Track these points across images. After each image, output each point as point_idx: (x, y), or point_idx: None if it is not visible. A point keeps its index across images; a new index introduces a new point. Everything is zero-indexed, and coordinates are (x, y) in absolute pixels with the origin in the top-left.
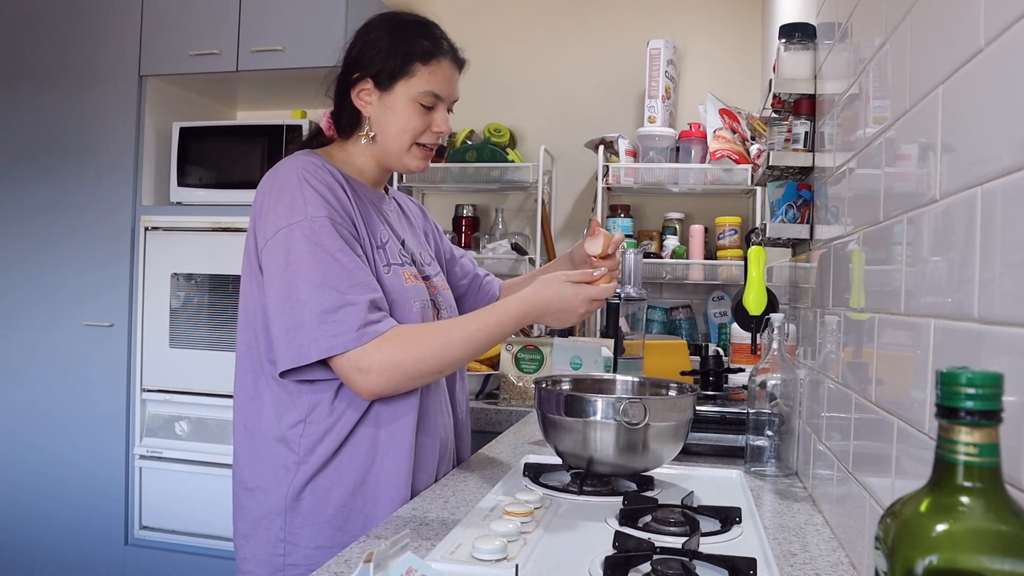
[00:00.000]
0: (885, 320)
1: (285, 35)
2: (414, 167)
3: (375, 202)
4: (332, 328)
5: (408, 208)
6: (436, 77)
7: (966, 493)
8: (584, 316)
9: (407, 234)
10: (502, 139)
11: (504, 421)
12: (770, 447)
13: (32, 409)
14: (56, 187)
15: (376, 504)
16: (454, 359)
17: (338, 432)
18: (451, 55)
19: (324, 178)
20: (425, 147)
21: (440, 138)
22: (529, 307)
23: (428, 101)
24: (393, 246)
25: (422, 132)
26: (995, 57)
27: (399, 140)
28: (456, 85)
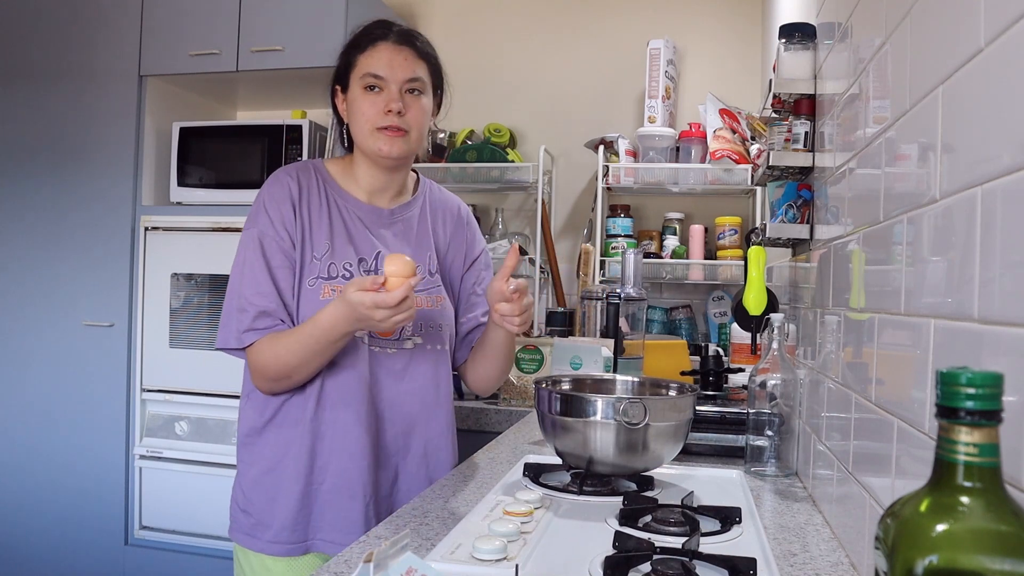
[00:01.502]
0: (885, 320)
1: (285, 35)
2: (385, 150)
3: (357, 214)
4: (228, 326)
5: (432, 221)
6: (373, 60)
7: (966, 493)
8: (385, 322)
9: (396, 248)
10: (502, 139)
11: (504, 421)
12: (770, 447)
13: (32, 409)
14: (56, 187)
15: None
16: (302, 359)
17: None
18: (392, 38)
19: (279, 193)
20: (387, 128)
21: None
22: (344, 309)
23: (370, 82)
24: (339, 259)
25: (377, 115)
26: (995, 57)
27: (361, 128)
28: (403, 64)
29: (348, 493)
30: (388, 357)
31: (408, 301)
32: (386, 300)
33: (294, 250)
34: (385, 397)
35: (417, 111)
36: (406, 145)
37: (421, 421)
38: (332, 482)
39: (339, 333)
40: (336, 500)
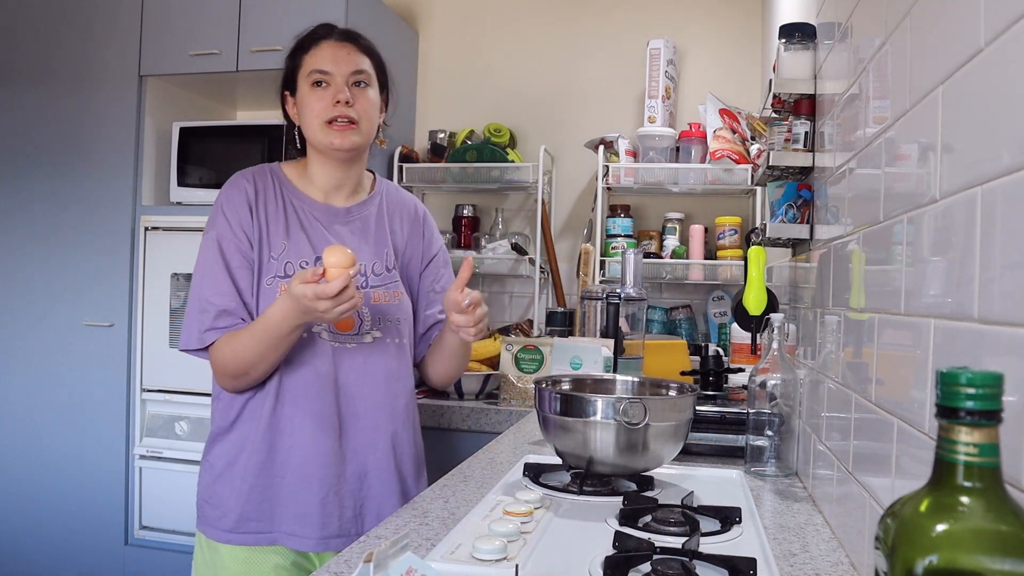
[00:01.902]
0: (885, 320)
1: (285, 35)
2: (337, 143)
3: (313, 214)
4: (189, 328)
5: (389, 219)
6: (318, 57)
7: (966, 493)
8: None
9: (352, 245)
10: (502, 139)
11: (504, 421)
12: (770, 447)
13: (32, 409)
14: (56, 187)
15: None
16: (258, 355)
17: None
18: (335, 36)
19: (236, 197)
20: (337, 121)
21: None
22: (290, 303)
23: (317, 78)
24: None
25: (326, 109)
26: (995, 57)
27: (312, 124)
28: (346, 58)
29: (307, 486)
30: (348, 352)
31: (349, 291)
32: (326, 291)
33: (252, 250)
34: (349, 391)
35: (364, 102)
36: (358, 136)
37: (386, 415)
38: (292, 476)
39: (289, 327)
40: (296, 493)
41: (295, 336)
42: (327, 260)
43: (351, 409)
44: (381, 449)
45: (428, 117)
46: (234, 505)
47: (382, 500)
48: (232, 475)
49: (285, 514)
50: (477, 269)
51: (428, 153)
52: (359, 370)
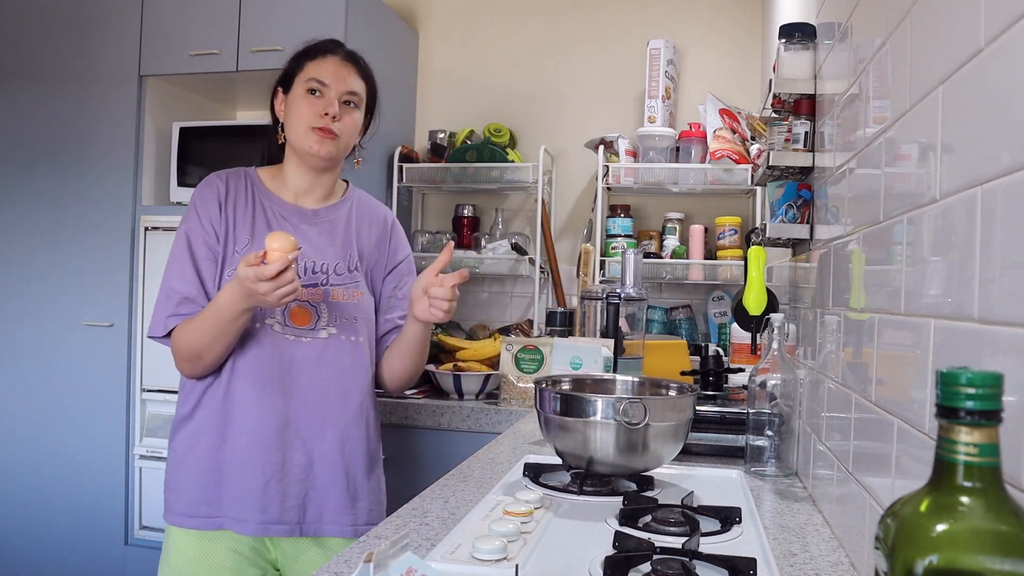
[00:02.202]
0: (885, 320)
1: (285, 35)
2: (315, 149)
3: (282, 213)
4: (156, 316)
5: (357, 224)
6: (320, 68)
7: (966, 493)
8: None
9: (319, 244)
10: (502, 139)
11: (504, 421)
12: (770, 447)
13: (32, 409)
14: (56, 187)
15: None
16: (209, 338)
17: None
18: (340, 54)
19: (208, 194)
20: (320, 130)
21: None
22: (236, 286)
23: (314, 86)
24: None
25: (315, 116)
26: (995, 57)
27: (297, 126)
28: (346, 79)
29: (251, 472)
30: (303, 345)
31: (288, 274)
32: (264, 272)
33: (218, 244)
34: (301, 383)
35: (349, 121)
36: (335, 148)
37: (336, 409)
38: (238, 461)
39: (236, 310)
40: (240, 479)
41: (243, 320)
42: (269, 244)
43: (301, 400)
44: (329, 442)
45: (428, 117)
46: (188, 490)
47: (326, 492)
48: (190, 461)
49: (231, 499)
50: (477, 269)
51: (428, 153)
52: (312, 363)
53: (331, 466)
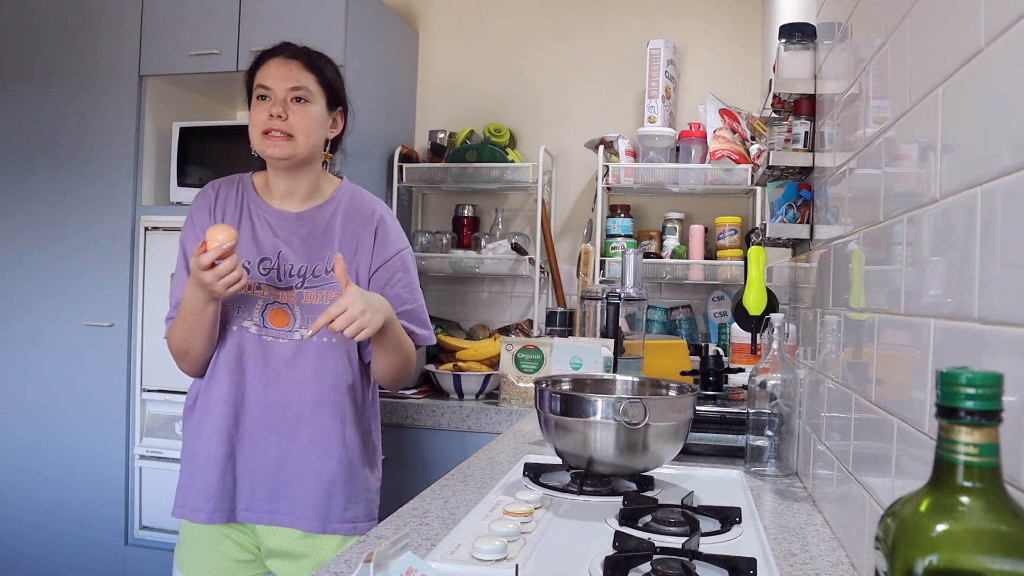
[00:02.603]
0: (885, 320)
1: (285, 35)
2: (269, 152)
3: (267, 219)
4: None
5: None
6: (264, 72)
7: (966, 493)
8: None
9: (298, 248)
10: (502, 139)
11: (504, 421)
12: (770, 447)
13: (32, 409)
14: (56, 187)
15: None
16: (186, 333)
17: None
18: (283, 53)
19: (201, 202)
20: (267, 133)
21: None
22: (192, 280)
23: (260, 92)
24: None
25: (264, 120)
26: (995, 57)
27: (253, 135)
28: (287, 75)
29: (209, 466)
30: (279, 346)
31: (226, 264)
32: (200, 261)
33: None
34: (277, 383)
35: (301, 117)
36: (291, 148)
37: (308, 409)
38: (201, 455)
39: (198, 303)
40: (200, 472)
41: (209, 313)
42: (209, 235)
43: (277, 399)
44: (302, 441)
45: (428, 117)
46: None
47: (299, 487)
48: (183, 455)
49: (192, 489)
50: (477, 269)
51: (428, 153)
52: (288, 363)
53: (301, 463)
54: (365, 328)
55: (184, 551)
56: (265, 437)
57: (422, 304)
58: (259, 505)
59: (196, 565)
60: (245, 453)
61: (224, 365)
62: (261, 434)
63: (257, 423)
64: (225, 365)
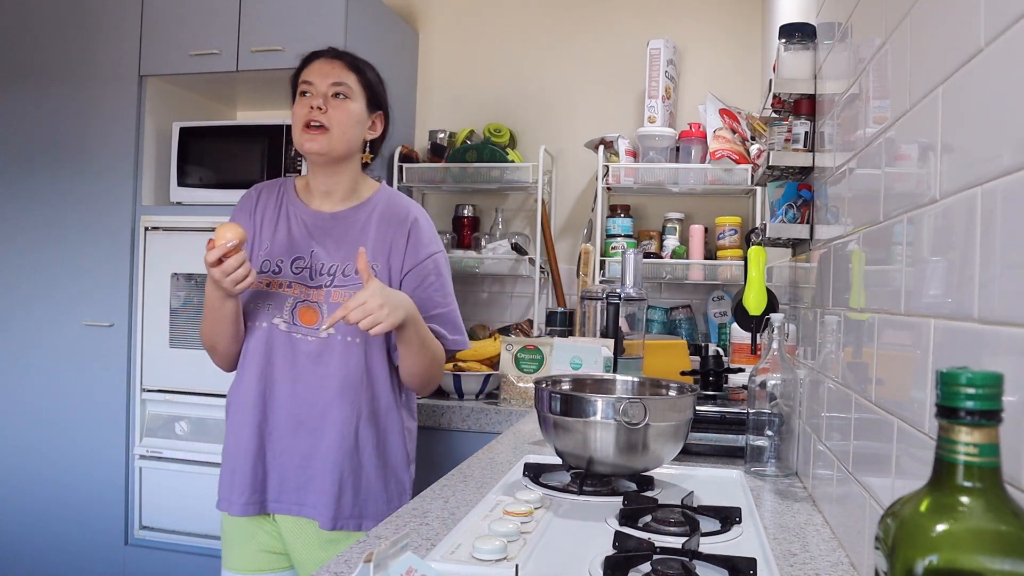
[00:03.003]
0: (885, 320)
1: (285, 35)
2: (307, 146)
3: (303, 219)
4: None
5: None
6: (309, 71)
7: (966, 493)
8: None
9: (331, 248)
10: (502, 139)
11: (504, 421)
12: (770, 447)
13: (32, 409)
14: (56, 187)
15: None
16: (210, 328)
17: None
18: (326, 54)
19: (245, 205)
20: (308, 126)
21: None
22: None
23: (303, 88)
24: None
25: (304, 114)
26: (995, 57)
27: (294, 128)
28: (329, 71)
29: (242, 459)
30: (307, 343)
31: (232, 262)
32: (206, 258)
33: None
34: (304, 379)
35: (340, 112)
36: (327, 142)
37: (334, 406)
38: (235, 449)
39: (216, 299)
40: (236, 465)
41: (228, 309)
42: (216, 233)
43: (304, 395)
44: (326, 436)
45: (428, 117)
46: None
47: (322, 481)
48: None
49: (227, 482)
50: (477, 269)
51: (428, 153)
52: (314, 360)
53: (327, 459)
54: (381, 323)
55: (226, 546)
56: (293, 431)
57: (455, 309)
58: (288, 497)
59: (235, 557)
60: (275, 447)
61: (253, 361)
62: (289, 428)
63: (285, 418)
64: (254, 361)
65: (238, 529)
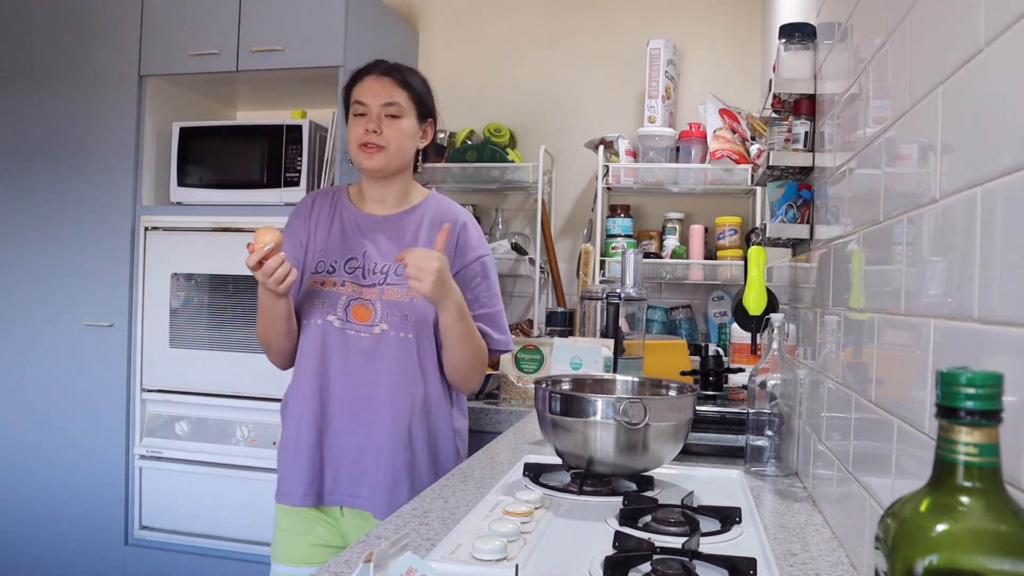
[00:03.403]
0: (885, 320)
1: (285, 35)
2: (365, 164)
3: (356, 222)
4: None
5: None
6: (361, 89)
7: (966, 493)
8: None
9: (384, 248)
10: (502, 139)
11: (504, 421)
12: (770, 447)
13: (32, 409)
14: (56, 187)
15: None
16: (262, 328)
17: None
18: (377, 71)
19: (300, 209)
20: (364, 145)
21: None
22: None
23: (357, 109)
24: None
25: (360, 134)
26: (995, 57)
27: (351, 147)
28: (381, 91)
29: (301, 452)
30: (360, 340)
31: (271, 263)
32: (246, 262)
33: (301, 251)
34: (357, 375)
35: (394, 131)
36: (385, 160)
37: (389, 400)
38: (294, 442)
39: (267, 299)
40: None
41: (280, 308)
42: (255, 237)
43: (357, 389)
44: (378, 430)
45: None
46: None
47: (375, 474)
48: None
49: (284, 474)
50: None
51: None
52: (368, 356)
53: (382, 451)
54: (422, 283)
55: (279, 539)
56: (348, 425)
57: (500, 311)
58: (342, 489)
59: (289, 549)
60: (330, 440)
61: (309, 357)
62: (344, 422)
63: (340, 412)
64: (310, 357)
65: (294, 522)
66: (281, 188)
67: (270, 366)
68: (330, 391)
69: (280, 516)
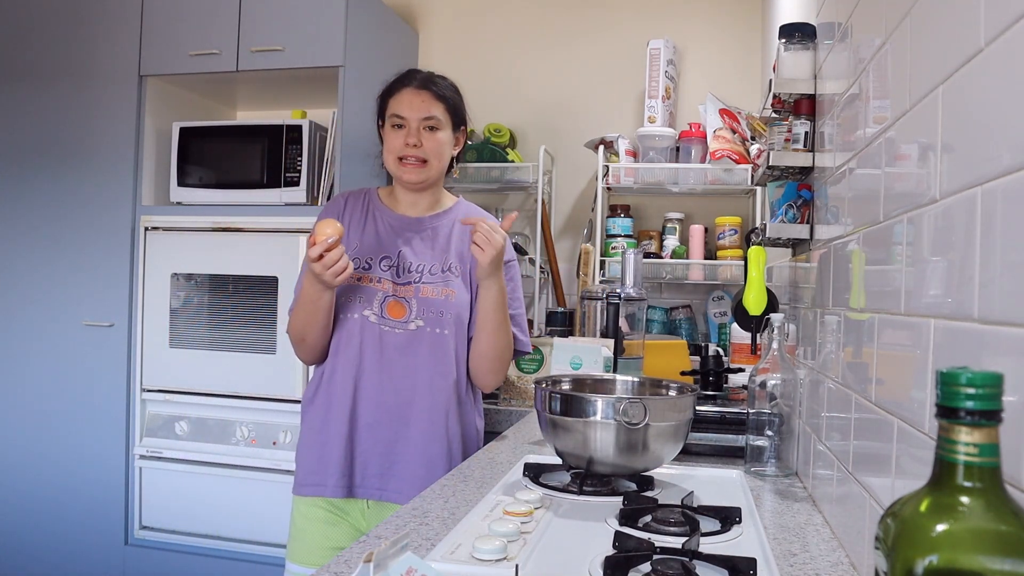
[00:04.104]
0: (885, 320)
1: (285, 35)
2: (406, 178)
3: (390, 223)
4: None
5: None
6: (398, 103)
7: (966, 493)
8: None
9: (418, 249)
10: (502, 139)
11: (504, 421)
12: (770, 447)
13: (32, 409)
14: (56, 187)
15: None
16: (302, 322)
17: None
18: (414, 84)
19: (331, 208)
20: (404, 159)
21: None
22: (308, 272)
23: (396, 121)
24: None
25: (400, 147)
26: (995, 57)
27: (388, 158)
28: (420, 105)
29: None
30: (395, 335)
31: (332, 255)
32: (309, 253)
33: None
34: (391, 369)
35: (433, 143)
36: (425, 173)
37: (421, 394)
38: (325, 434)
39: (315, 291)
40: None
41: (325, 301)
42: (316, 230)
43: (390, 384)
44: (412, 425)
45: None
46: (302, 463)
47: (405, 467)
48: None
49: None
50: None
51: None
52: (403, 351)
53: (412, 444)
54: (485, 251)
55: (296, 538)
56: (380, 419)
57: (523, 314)
58: (370, 482)
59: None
60: (362, 433)
61: (345, 351)
62: (377, 416)
63: (373, 406)
64: (346, 351)
65: (318, 514)
66: (281, 188)
67: (270, 366)
68: (363, 384)
69: (298, 512)
